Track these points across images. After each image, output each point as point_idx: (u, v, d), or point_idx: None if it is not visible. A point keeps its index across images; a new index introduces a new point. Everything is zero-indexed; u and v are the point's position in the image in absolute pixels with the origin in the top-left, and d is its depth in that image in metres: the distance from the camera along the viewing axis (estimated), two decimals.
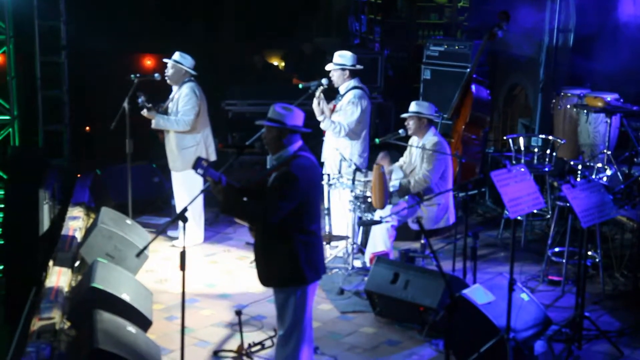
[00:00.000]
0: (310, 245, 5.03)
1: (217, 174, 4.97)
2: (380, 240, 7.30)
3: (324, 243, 6.88)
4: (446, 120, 9.44)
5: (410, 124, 7.41)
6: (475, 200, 9.51)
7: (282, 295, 5.07)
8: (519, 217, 7.95)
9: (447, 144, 7.51)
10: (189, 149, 7.99)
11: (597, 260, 7.23)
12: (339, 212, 7.81)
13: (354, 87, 7.77)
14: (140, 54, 12.43)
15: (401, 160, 7.71)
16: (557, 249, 7.53)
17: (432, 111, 7.44)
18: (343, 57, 7.77)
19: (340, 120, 7.70)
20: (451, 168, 7.52)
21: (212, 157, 8.06)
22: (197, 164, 4.94)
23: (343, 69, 7.75)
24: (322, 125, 7.77)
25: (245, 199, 5.09)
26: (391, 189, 7.25)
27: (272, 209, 4.87)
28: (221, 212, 5.09)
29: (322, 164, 7.89)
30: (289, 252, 4.97)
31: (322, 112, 7.71)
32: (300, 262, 4.97)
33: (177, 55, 7.94)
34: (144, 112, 7.89)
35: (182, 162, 8.01)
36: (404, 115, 7.46)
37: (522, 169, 5.81)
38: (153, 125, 7.97)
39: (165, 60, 7.98)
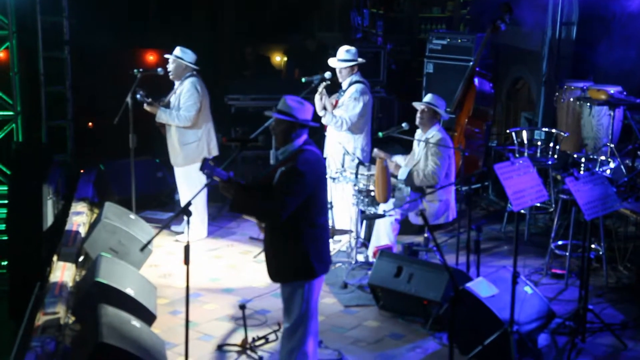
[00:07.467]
0: (319, 239, 5.01)
1: (225, 173, 4.91)
2: (383, 233, 7.31)
3: None
4: (449, 113, 9.44)
5: (424, 115, 7.37)
6: (479, 194, 9.51)
7: (289, 288, 5.05)
8: (522, 210, 7.96)
9: (450, 140, 7.49)
10: (190, 144, 7.99)
11: (601, 253, 7.24)
12: (342, 206, 7.82)
13: (356, 82, 7.76)
14: (143, 49, 12.42)
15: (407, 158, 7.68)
16: (560, 242, 7.53)
17: (443, 109, 7.43)
18: (350, 52, 7.74)
19: (342, 114, 7.70)
20: (454, 164, 7.49)
21: (214, 152, 8.08)
22: (204, 165, 4.86)
23: (351, 65, 7.73)
24: (323, 120, 7.76)
25: None
26: (399, 177, 7.24)
27: (280, 206, 4.81)
28: (231, 210, 5.04)
29: (324, 159, 7.88)
30: (299, 247, 4.94)
31: (324, 107, 7.70)
32: (310, 256, 4.95)
33: (177, 51, 7.95)
34: (146, 107, 7.91)
35: (184, 158, 8.02)
36: (419, 104, 7.41)
37: (525, 162, 5.80)
38: (156, 119, 8.00)
39: (166, 55, 7.99)
